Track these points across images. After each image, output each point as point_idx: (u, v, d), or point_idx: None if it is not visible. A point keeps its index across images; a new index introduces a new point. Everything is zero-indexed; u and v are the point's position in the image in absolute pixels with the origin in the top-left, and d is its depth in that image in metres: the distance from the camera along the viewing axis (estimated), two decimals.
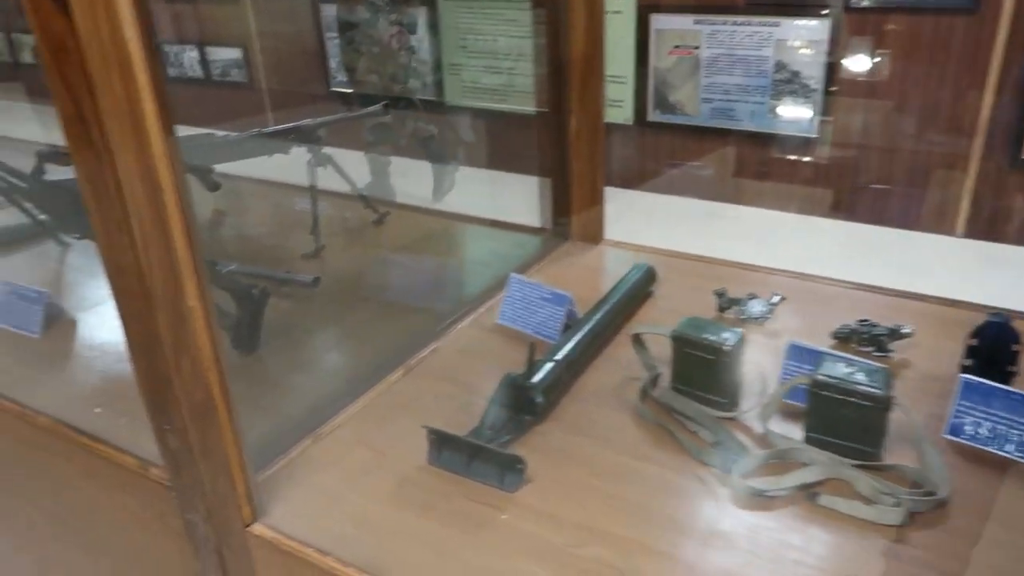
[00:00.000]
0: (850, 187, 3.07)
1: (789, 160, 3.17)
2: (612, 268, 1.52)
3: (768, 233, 2.95)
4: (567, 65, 1.49)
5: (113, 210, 0.78)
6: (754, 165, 3.27)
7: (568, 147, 1.57)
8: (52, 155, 1.38)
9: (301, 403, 1.15)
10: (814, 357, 1.06)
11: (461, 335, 1.31)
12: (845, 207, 3.09)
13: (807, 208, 3.14)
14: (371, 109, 1.73)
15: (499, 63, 3.76)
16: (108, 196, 0.77)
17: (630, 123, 3.49)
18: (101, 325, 1.41)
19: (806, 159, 3.14)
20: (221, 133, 1.85)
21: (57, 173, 1.69)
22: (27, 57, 5.93)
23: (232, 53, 4.74)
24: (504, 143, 3.70)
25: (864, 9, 2.89)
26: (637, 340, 1.18)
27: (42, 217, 1.66)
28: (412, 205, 1.89)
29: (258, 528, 0.91)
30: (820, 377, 0.96)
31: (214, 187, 1.94)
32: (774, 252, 1.71)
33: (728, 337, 1.06)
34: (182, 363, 0.83)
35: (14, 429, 1.17)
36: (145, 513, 1.05)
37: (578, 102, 1.52)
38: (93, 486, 1.10)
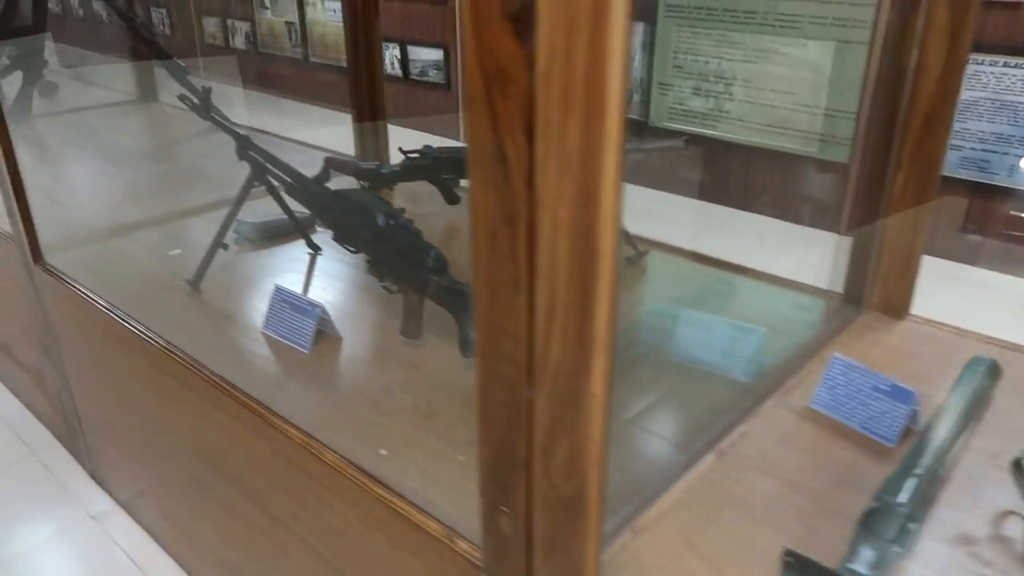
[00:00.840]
0: None
1: None
2: (931, 354, 1.30)
3: None
4: (908, 111, 1.28)
5: (513, 265, 0.66)
6: (1018, 227, 2.89)
7: (887, 204, 1.36)
8: (342, 164, 1.32)
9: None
10: None
11: (770, 418, 1.13)
12: None
13: None
14: (670, 144, 1.58)
15: (713, 87, 3.55)
16: (512, 248, 0.65)
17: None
18: (365, 346, 1.34)
19: None
20: None
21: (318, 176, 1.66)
22: (238, 42, 6.30)
23: (434, 54, 4.79)
24: (744, 180, 3.50)
25: None
26: (1018, 467, 0.96)
27: (298, 215, 1.64)
28: (665, 242, 1.73)
29: None
30: None
31: (454, 200, 1.86)
32: None
33: None
34: (557, 451, 0.70)
35: (292, 456, 1.10)
36: None
37: (911, 155, 1.31)
38: (376, 537, 1.01)
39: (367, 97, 2.19)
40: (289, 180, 1.43)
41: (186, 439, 1.42)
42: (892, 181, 1.34)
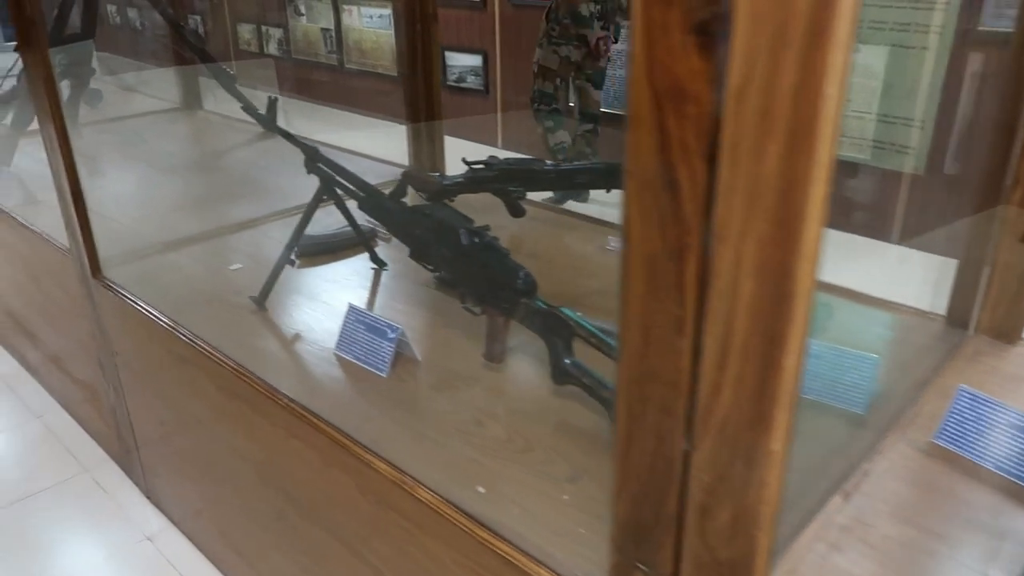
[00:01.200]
0: None
1: None
2: None
3: None
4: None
5: (677, 304, 0.59)
6: None
7: (1001, 222, 1.27)
8: (419, 179, 1.26)
9: None
10: None
11: (894, 455, 1.05)
12: None
13: None
14: None
15: None
16: (678, 286, 0.58)
17: (920, 172, 3.07)
18: (445, 370, 1.27)
19: None
20: (550, 164, 1.71)
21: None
22: (271, 48, 6.30)
23: (472, 60, 4.73)
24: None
25: None
26: None
27: (364, 227, 1.58)
28: None
29: None
30: None
31: (519, 212, 1.80)
32: None
33: None
34: (718, 512, 0.63)
35: (381, 491, 1.03)
36: None
37: None
38: None
39: (424, 106, 2.13)
40: (362, 195, 1.37)
41: (255, 464, 1.36)
42: (1008, 197, 1.25)
